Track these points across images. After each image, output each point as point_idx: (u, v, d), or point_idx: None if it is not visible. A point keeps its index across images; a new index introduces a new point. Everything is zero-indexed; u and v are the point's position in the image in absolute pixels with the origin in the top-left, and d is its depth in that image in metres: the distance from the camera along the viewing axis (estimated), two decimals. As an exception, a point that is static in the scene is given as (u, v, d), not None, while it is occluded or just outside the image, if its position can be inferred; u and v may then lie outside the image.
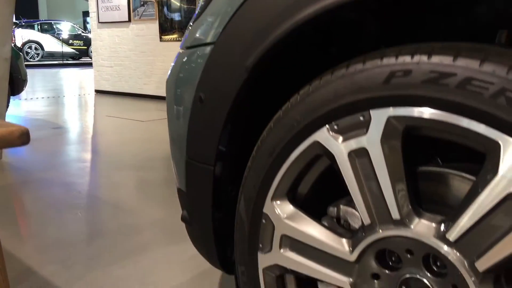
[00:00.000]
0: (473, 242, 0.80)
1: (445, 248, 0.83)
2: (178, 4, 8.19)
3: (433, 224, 0.86)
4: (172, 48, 8.52)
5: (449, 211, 0.87)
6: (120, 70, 9.69)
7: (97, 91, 10.18)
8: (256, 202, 1.10)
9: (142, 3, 8.80)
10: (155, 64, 8.94)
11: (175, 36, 8.42)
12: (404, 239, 0.89)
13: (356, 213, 1.01)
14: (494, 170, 0.75)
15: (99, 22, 9.85)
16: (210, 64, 1.17)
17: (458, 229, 0.81)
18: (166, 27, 8.49)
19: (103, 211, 2.87)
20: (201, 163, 1.25)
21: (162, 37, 8.61)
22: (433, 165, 0.95)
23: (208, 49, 1.19)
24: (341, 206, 1.05)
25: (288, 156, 1.03)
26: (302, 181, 1.07)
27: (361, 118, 0.90)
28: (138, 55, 9.25)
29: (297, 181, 1.06)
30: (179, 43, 8.23)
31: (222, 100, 1.14)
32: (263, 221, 1.10)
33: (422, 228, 0.86)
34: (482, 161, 0.79)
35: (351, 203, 1.03)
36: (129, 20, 9.16)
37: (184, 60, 1.31)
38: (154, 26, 8.71)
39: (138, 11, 8.90)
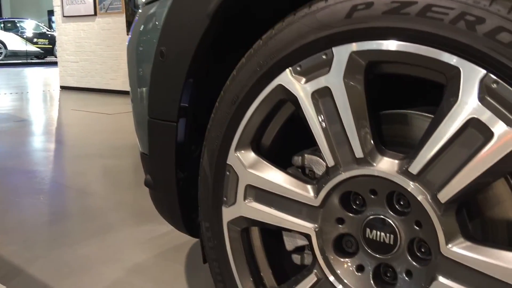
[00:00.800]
0: (435, 174, 0.79)
1: (408, 183, 0.82)
2: (145, -3, 8.06)
3: (396, 161, 0.85)
4: (139, 42, 8.37)
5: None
6: (86, 65, 9.47)
7: (63, 87, 9.92)
8: (220, 153, 1.07)
9: (108, -5, 8.63)
10: (122, 59, 8.76)
11: (142, 30, 8.28)
12: (367, 179, 0.88)
13: (321, 160, 0.99)
14: (455, 98, 0.75)
15: (63, 16, 9.60)
16: (171, 15, 1.13)
17: (420, 161, 0.80)
18: (133, 20, 8.34)
19: (67, 196, 2.79)
20: (163, 121, 1.21)
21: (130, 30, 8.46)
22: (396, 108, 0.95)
23: (167, 1, 1.16)
24: (306, 155, 1.03)
25: (252, 102, 1.00)
26: (267, 130, 1.04)
27: (324, 57, 0.88)
28: (104, 49, 9.05)
29: (261, 130, 1.03)
30: (146, 37, 8.08)
31: (184, 53, 1.11)
32: (227, 173, 1.07)
33: (385, 165, 0.85)
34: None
35: (316, 152, 1.01)
36: (95, 14, 8.96)
37: (144, 16, 1.27)
38: (121, 20, 8.55)
39: (104, 4, 8.71)
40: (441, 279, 0.80)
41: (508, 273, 0.72)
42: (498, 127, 0.71)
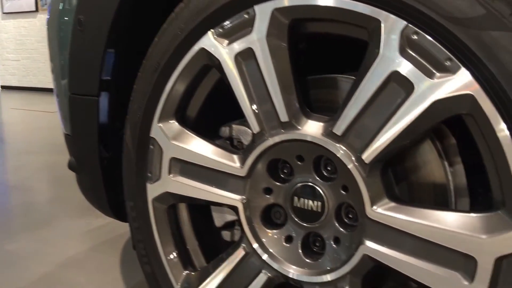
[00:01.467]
0: (358, 133, 0.75)
1: (333, 145, 0.78)
2: (89, -7, 7.78)
3: (321, 123, 0.81)
4: (84, 39, 8.07)
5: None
6: (28, 64, 9.04)
7: (3, 87, 9.42)
8: (142, 126, 1.00)
9: (49, -10, 8.26)
10: (67, 56, 8.41)
11: (87, 27, 7.99)
12: (293, 144, 0.83)
13: (249, 130, 0.94)
14: (376, 52, 0.71)
15: (3, 13, 9.13)
16: (88, -20, 1.05)
17: (344, 121, 0.76)
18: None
19: (3, 192, 2.61)
20: (84, 96, 1.13)
21: (73, 27, 8.14)
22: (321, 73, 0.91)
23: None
24: (234, 126, 0.98)
25: (174, 69, 0.93)
26: (192, 100, 0.98)
27: (246, 16, 0.83)
28: (47, 47, 8.66)
29: (186, 99, 0.97)
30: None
31: (101, 20, 1.03)
32: (151, 147, 1.00)
33: (311, 128, 0.81)
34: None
35: (244, 122, 0.96)
36: (37, 10, 8.56)
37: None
38: (64, 16, 8.20)
39: (46, 0, 8.35)
40: (367, 243, 0.77)
41: (431, 231, 0.70)
42: (419, 80, 0.68)
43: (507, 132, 0.62)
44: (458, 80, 0.65)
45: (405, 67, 0.69)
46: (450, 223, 0.69)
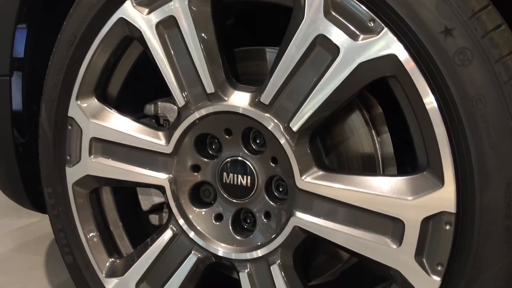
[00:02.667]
0: (286, 101, 0.73)
1: (261, 115, 0.75)
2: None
3: (248, 93, 0.78)
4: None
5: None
6: None
7: None
8: (59, 105, 0.92)
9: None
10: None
11: None
12: (221, 116, 0.79)
13: (175, 107, 0.90)
14: (301, 16, 0.69)
15: None
16: None
17: (271, 90, 0.73)
18: None
19: None
20: (-6, 76, 1.03)
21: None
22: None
23: None
24: (159, 103, 0.93)
25: (92, 42, 0.87)
26: (113, 75, 0.92)
27: (167, -17, 0.79)
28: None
29: (106, 74, 0.91)
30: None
31: (11, -9, 0.95)
32: (69, 127, 0.92)
33: (238, 98, 0.78)
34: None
35: (169, 100, 0.92)
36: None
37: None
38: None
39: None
40: (298, 214, 0.75)
41: (359, 197, 0.69)
42: (344, 42, 0.67)
43: (430, 94, 0.62)
44: (382, 40, 0.64)
45: (330, 30, 0.67)
46: (377, 187, 0.68)
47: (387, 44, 0.64)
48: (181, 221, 0.85)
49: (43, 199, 1.11)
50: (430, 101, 0.62)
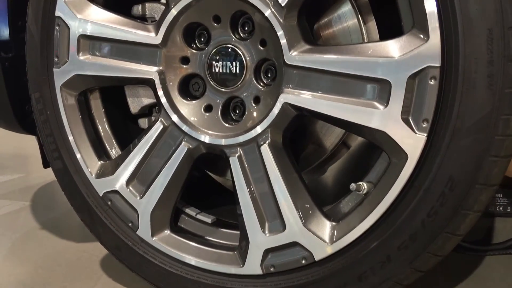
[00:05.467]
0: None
1: (249, -7, 0.78)
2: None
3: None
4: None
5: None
6: None
7: None
8: (46, 4, 0.94)
9: None
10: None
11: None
12: (208, 2, 0.83)
13: (162, 6, 0.93)
14: None
15: None
16: None
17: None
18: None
19: None
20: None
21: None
22: None
23: None
24: (147, 4, 0.96)
25: None
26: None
27: None
28: None
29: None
30: None
31: None
32: (56, 27, 0.95)
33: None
34: None
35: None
36: None
37: None
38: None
39: None
40: (287, 90, 0.77)
41: (346, 63, 0.72)
42: None
43: None
44: None
45: None
46: (363, 53, 0.72)
47: None
48: (170, 113, 0.88)
49: (31, 119, 1.13)
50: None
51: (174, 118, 0.88)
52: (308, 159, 0.93)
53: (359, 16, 0.85)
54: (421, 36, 0.67)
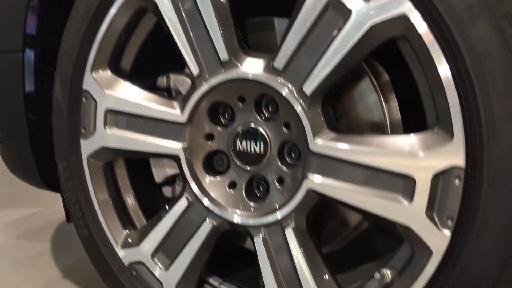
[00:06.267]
0: (299, 65, 0.78)
1: (274, 79, 0.81)
2: None
3: (261, 60, 0.83)
4: None
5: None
6: None
7: None
8: (74, 77, 0.98)
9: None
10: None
11: None
12: (234, 84, 0.85)
13: (187, 79, 0.95)
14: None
15: None
16: None
17: (284, 54, 0.79)
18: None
19: None
20: (6, 52, 1.09)
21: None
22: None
23: None
24: (171, 75, 0.99)
25: (106, 13, 0.92)
26: (126, 47, 0.98)
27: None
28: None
29: (120, 46, 0.96)
30: None
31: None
32: (84, 100, 0.98)
33: (251, 65, 0.84)
34: None
35: (182, 72, 0.98)
36: None
37: None
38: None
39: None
40: (311, 176, 0.80)
41: (371, 156, 0.74)
42: (356, 4, 0.72)
43: (440, 51, 0.68)
44: (393, 1, 0.70)
45: (342, -7, 0.73)
46: (388, 146, 0.74)
47: (398, 4, 0.69)
48: (195, 190, 0.91)
49: (55, 177, 1.16)
50: (439, 58, 0.68)
51: (199, 194, 0.91)
52: (331, 234, 0.95)
53: (381, 94, 0.88)
54: (446, 135, 0.69)
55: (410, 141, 0.73)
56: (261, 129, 0.87)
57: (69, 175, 1.03)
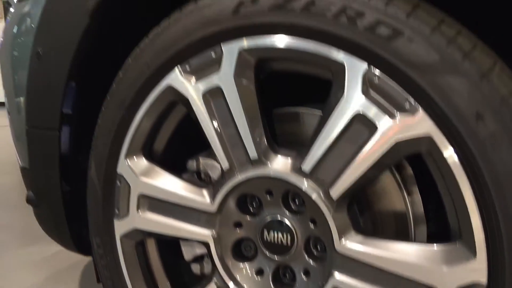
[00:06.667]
0: (326, 170, 0.82)
1: (301, 181, 0.84)
2: None
3: (289, 159, 0.87)
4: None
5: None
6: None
7: None
8: (109, 162, 1.03)
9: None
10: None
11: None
12: (263, 180, 0.89)
13: (216, 164, 0.99)
14: (341, 93, 0.79)
15: None
16: (47, 12, 1.08)
17: (312, 159, 0.83)
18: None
19: None
20: (44, 130, 1.15)
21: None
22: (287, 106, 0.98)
23: (44, -4, 1.10)
24: (201, 159, 1.03)
25: (140, 105, 0.97)
26: (158, 134, 1.02)
27: (213, 55, 0.89)
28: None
29: (153, 134, 1.01)
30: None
31: (62, 53, 1.06)
32: (118, 183, 1.03)
33: (279, 164, 0.87)
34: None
35: (210, 155, 1.02)
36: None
37: (17, 16, 1.20)
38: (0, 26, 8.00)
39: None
40: (336, 275, 0.83)
41: (396, 264, 0.77)
42: (381, 120, 0.76)
43: (463, 174, 0.71)
44: (417, 121, 0.73)
45: (368, 108, 0.77)
46: (411, 255, 0.77)
47: (422, 125, 0.73)
48: (224, 275, 0.95)
49: (86, 242, 1.22)
50: (463, 180, 0.71)
51: (227, 279, 0.95)
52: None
53: (404, 188, 0.91)
54: (468, 252, 0.72)
55: (433, 252, 0.76)
56: (287, 222, 0.90)
57: (103, 252, 1.08)
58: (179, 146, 1.06)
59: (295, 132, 0.97)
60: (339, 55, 0.78)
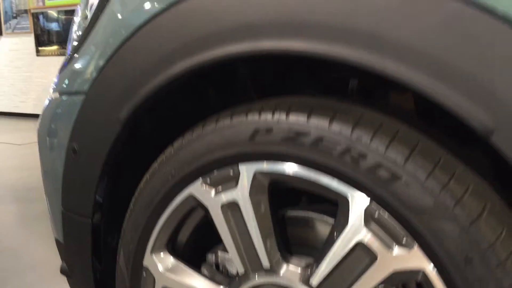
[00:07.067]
0: (332, 287, 0.91)
1: (310, 294, 0.94)
2: (56, 15, 7.84)
3: (299, 270, 0.96)
4: (51, 63, 8.11)
5: (315, 253, 0.99)
6: (-8, 88, 9.03)
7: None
8: (136, 255, 1.14)
9: (14, 15, 8.31)
10: (32, 80, 8.46)
11: (54, 48, 8.03)
12: (275, 287, 0.99)
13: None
14: (345, 221, 0.88)
15: (-35, 35, 9.10)
16: (83, 114, 1.19)
17: (319, 274, 0.92)
18: (43, 40, 8.08)
19: (-27, 257, 2.69)
20: (78, 216, 1.26)
21: (40, 50, 8.17)
22: (299, 209, 1.07)
23: (80, 98, 1.21)
24: (219, 253, 1.13)
25: (165, 208, 1.08)
26: (181, 231, 1.13)
27: (231, 172, 0.99)
28: (12, 71, 8.68)
29: (176, 232, 1.12)
30: (59, 58, 7.86)
31: (97, 152, 1.17)
32: (144, 274, 1.14)
33: (290, 274, 0.97)
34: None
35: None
36: (0, 34, 8.59)
37: (56, 107, 1.32)
38: (30, 40, 8.24)
39: (10, 24, 8.38)
40: None
41: None
42: (380, 251, 0.84)
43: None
44: (412, 257, 0.82)
45: (369, 239, 0.86)
46: None
47: (417, 260, 0.81)
48: None
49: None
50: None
51: None
52: None
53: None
54: None
55: None
56: (298, 323, 1.00)
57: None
58: (200, 239, 1.16)
59: (306, 237, 1.06)
60: (344, 189, 0.87)
